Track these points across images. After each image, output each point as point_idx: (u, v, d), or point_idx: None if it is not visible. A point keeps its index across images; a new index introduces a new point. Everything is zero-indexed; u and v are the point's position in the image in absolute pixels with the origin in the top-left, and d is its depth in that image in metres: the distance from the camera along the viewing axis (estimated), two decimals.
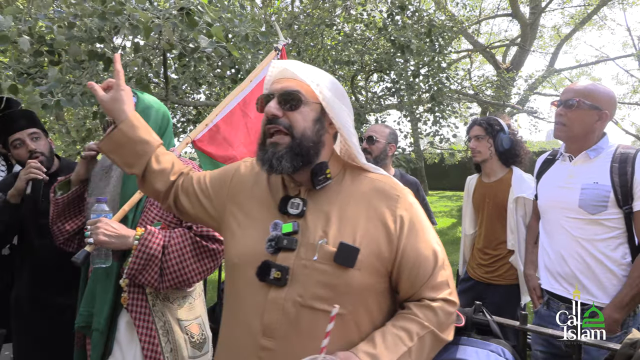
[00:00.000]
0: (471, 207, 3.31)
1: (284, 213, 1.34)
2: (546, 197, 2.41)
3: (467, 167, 3.44)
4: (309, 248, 1.27)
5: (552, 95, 21.65)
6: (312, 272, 1.25)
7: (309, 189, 1.36)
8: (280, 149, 1.28)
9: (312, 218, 1.32)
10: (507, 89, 11.03)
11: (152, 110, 2.04)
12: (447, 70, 7.96)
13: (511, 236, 2.98)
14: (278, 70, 1.38)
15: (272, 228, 1.32)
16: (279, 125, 1.29)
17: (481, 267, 3.14)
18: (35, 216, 2.43)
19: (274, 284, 1.25)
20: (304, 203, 1.33)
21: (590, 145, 2.22)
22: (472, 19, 16.14)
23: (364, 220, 1.30)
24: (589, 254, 2.16)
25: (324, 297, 1.23)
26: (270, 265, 1.27)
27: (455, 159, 13.09)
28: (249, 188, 1.46)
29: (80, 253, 1.76)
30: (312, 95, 1.32)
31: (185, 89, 5.96)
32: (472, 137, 3.16)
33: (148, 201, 1.98)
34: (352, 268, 1.24)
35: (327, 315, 1.18)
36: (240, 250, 1.36)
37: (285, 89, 1.31)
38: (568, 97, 2.21)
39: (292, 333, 1.23)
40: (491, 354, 1.63)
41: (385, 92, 8.47)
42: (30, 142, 2.41)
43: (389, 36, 6.99)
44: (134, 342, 1.88)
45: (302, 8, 8.32)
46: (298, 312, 1.23)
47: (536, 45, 19.92)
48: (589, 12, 17.40)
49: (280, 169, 1.27)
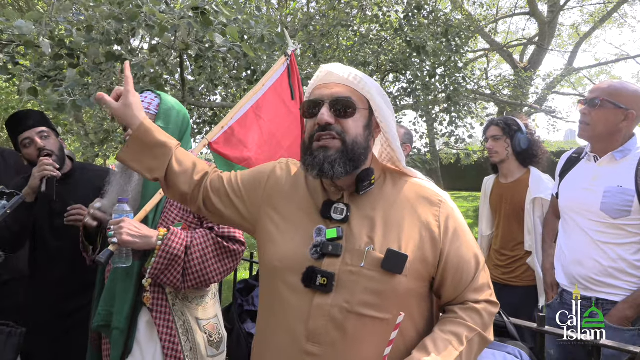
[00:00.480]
0: (488, 208, 3.28)
1: (326, 218, 1.33)
2: (567, 198, 2.35)
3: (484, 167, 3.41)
4: (354, 254, 1.27)
5: (571, 95, 21.38)
6: (360, 278, 1.24)
7: (351, 193, 1.35)
8: (332, 153, 1.26)
9: (356, 224, 1.31)
10: (524, 89, 10.90)
11: (174, 111, 2.05)
12: (464, 70, 7.90)
13: (528, 237, 2.95)
14: (323, 74, 1.36)
15: (316, 234, 1.31)
16: (333, 132, 1.27)
17: (498, 269, 3.11)
18: (50, 217, 2.43)
19: (320, 290, 1.25)
20: (347, 209, 1.32)
21: (617, 147, 2.16)
22: (489, 18, 16.00)
23: (408, 226, 1.30)
24: (608, 258, 2.11)
25: (371, 304, 1.23)
26: (316, 272, 1.26)
27: (472, 160, 12.97)
28: (286, 191, 1.45)
29: (104, 253, 1.77)
30: (362, 101, 1.32)
31: (201, 90, 6.00)
32: (489, 137, 3.13)
33: (168, 201, 2.00)
34: (399, 275, 1.24)
35: (374, 321, 1.21)
36: (282, 255, 1.34)
37: (336, 96, 1.29)
38: (593, 96, 2.16)
39: (339, 339, 1.23)
40: (508, 356, 1.62)
41: (401, 92, 8.44)
42: (39, 140, 2.39)
43: (405, 36, 6.96)
44: (153, 341, 1.89)
45: (318, 9, 8.33)
46: (345, 318, 1.23)
47: (554, 44, 19.67)
48: (609, 9, 17.13)
49: (332, 173, 1.26)
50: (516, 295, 2.97)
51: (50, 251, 2.45)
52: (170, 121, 2.01)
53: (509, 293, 3.00)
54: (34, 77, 2.98)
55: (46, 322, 2.41)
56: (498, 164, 3.16)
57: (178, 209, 1.99)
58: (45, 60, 3.39)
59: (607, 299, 2.12)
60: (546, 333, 1.87)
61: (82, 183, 2.53)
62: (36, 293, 2.47)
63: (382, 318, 1.24)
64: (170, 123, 2.01)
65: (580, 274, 2.19)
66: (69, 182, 2.50)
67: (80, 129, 6.58)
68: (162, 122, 1.99)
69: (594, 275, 2.14)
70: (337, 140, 1.27)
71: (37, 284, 2.48)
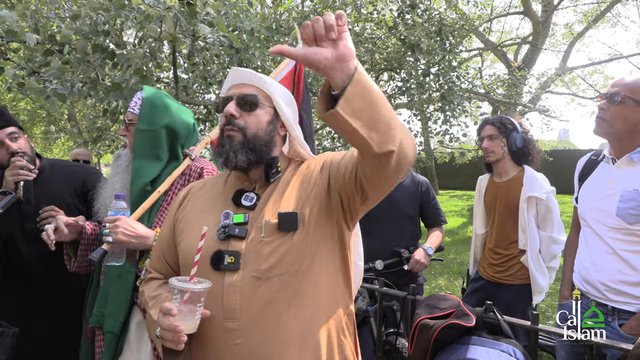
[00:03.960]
0: (482, 207, 3.29)
1: (237, 205, 1.43)
2: (585, 203, 2.24)
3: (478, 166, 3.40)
4: (257, 231, 1.35)
5: (565, 94, 21.49)
6: (262, 247, 1.32)
7: (262, 185, 1.47)
8: (235, 143, 1.39)
9: (261, 207, 1.40)
10: (518, 88, 10.95)
11: (157, 111, 1.99)
12: (458, 69, 7.93)
13: (522, 236, 2.95)
14: (236, 76, 1.50)
15: (224, 217, 1.40)
16: (235, 126, 1.41)
17: (492, 267, 3.11)
18: (20, 220, 2.28)
19: (229, 268, 1.31)
20: (257, 197, 1.43)
21: (635, 147, 2.04)
22: (483, 17, 16.04)
23: (299, 190, 1.42)
24: (628, 266, 2.00)
25: (278, 265, 1.30)
26: (223, 253, 1.32)
27: (466, 158, 13.02)
28: (204, 192, 1.55)
29: (97, 251, 1.73)
30: (267, 99, 1.47)
31: (195, 88, 5.98)
32: (484, 136, 3.12)
33: (165, 200, 1.95)
34: (296, 231, 1.33)
35: (281, 277, 1.29)
36: (191, 245, 1.37)
37: (244, 93, 1.44)
38: (614, 90, 2.04)
39: (251, 308, 1.28)
40: (502, 354, 1.62)
41: (396, 91, 8.46)
42: (10, 142, 2.25)
43: (399, 35, 6.97)
44: (143, 342, 1.85)
45: (313, 7, 8.31)
46: (256, 287, 1.28)
47: (548, 44, 19.78)
48: (602, 9, 17.24)
49: (236, 161, 1.38)
50: (510, 294, 2.97)
51: (22, 255, 2.31)
52: (153, 122, 1.96)
53: (503, 291, 3.00)
54: (25, 72, 2.95)
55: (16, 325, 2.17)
56: (493, 164, 3.16)
57: None
58: (37, 57, 3.37)
59: (623, 308, 2.01)
60: (539, 331, 1.87)
61: (52, 181, 2.39)
62: (6, 296, 2.33)
63: (290, 272, 1.31)
64: (154, 124, 1.96)
65: (598, 281, 2.10)
66: (39, 181, 2.34)
67: (74, 127, 6.54)
68: (144, 124, 1.95)
69: (610, 283, 2.05)
70: (239, 133, 1.40)
71: (7, 288, 2.33)
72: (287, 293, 1.29)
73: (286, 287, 1.29)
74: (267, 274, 1.29)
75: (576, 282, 2.27)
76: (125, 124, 2.02)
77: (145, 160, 1.97)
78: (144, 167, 1.96)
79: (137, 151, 1.97)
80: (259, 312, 1.28)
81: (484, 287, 3.13)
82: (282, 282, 1.29)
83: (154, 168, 1.98)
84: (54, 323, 2.33)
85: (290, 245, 1.32)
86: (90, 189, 2.44)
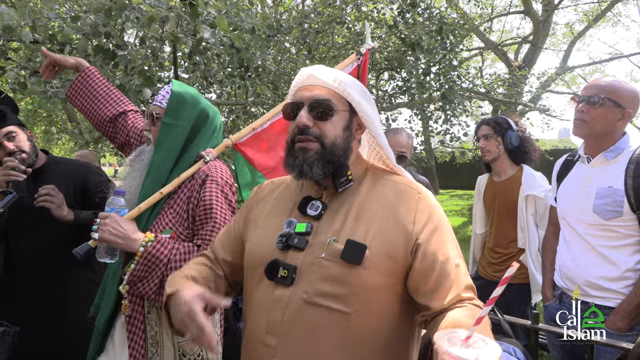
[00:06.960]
0: (482, 207, 3.29)
1: (302, 213, 1.34)
2: (563, 202, 2.32)
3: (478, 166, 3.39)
4: (318, 247, 1.25)
5: (565, 93, 21.47)
6: (319, 269, 1.22)
7: (332, 193, 1.35)
8: (311, 154, 1.27)
9: (328, 220, 1.30)
10: (519, 87, 10.95)
11: (186, 107, 1.93)
12: (459, 69, 7.93)
13: (521, 235, 2.96)
14: (304, 76, 1.36)
15: (286, 225, 1.32)
16: (310, 135, 1.28)
17: (492, 266, 3.12)
18: (20, 214, 2.32)
19: (281, 282, 1.24)
20: (323, 207, 1.32)
21: (609, 146, 2.12)
22: (483, 17, 16.03)
23: (380, 220, 1.26)
24: (606, 261, 2.07)
25: (329, 294, 1.20)
26: (278, 264, 1.26)
27: (466, 158, 13.02)
28: (275, 195, 1.47)
29: (82, 247, 1.70)
30: (342, 102, 1.32)
31: (196, 88, 5.98)
32: (480, 136, 3.14)
33: (167, 204, 1.87)
34: (359, 266, 1.19)
35: (331, 313, 1.18)
36: (254, 249, 1.36)
37: (315, 98, 1.30)
38: (592, 93, 2.10)
39: (294, 331, 1.21)
40: (502, 353, 1.62)
41: (396, 90, 8.46)
42: (7, 143, 2.28)
43: (399, 34, 6.97)
44: (125, 344, 1.82)
45: (313, 6, 8.31)
46: (301, 310, 1.21)
47: (549, 43, 19.79)
48: (603, 8, 17.22)
49: (311, 175, 1.27)
50: (509, 293, 2.97)
51: (22, 249, 2.34)
52: (180, 117, 1.90)
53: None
54: (27, 72, 2.95)
55: (19, 321, 2.20)
56: (491, 163, 3.16)
57: (173, 214, 1.84)
58: (39, 57, 3.37)
59: (604, 304, 2.07)
60: (540, 330, 1.88)
61: (55, 177, 2.41)
62: (7, 292, 2.36)
63: (340, 310, 1.19)
64: (180, 119, 1.90)
65: (579, 278, 2.16)
66: (41, 177, 2.39)
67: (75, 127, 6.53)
68: (170, 118, 1.89)
69: (591, 278, 2.11)
70: (315, 143, 1.28)
71: (7, 283, 2.36)
72: (332, 333, 1.19)
73: (332, 325, 1.19)
74: (316, 299, 1.20)
75: (557, 281, 2.31)
76: (152, 117, 1.93)
77: (164, 154, 1.90)
78: (163, 160, 1.89)
79: (159, 144, 1.90)
80: (298, 338, 1.21)
81: (483, 286, 3.12)
82: (332, 318, 1.19)
83: (170, 164, 1.91)
84: (54, 322, 2.34)
85: (350, 281, 1.20)
86: (91, 188, 2.46)
